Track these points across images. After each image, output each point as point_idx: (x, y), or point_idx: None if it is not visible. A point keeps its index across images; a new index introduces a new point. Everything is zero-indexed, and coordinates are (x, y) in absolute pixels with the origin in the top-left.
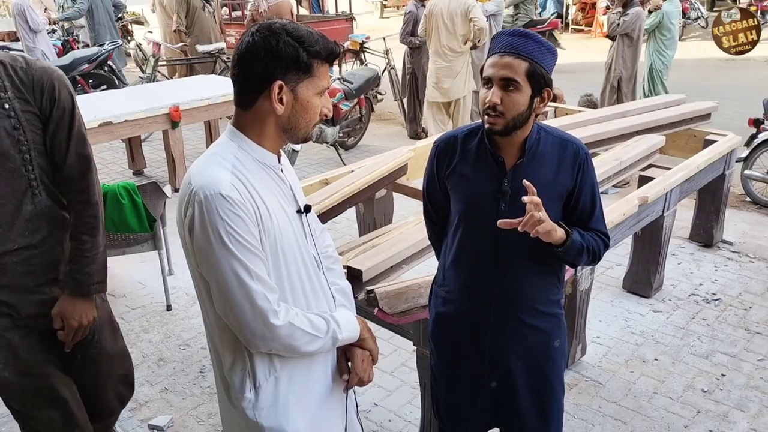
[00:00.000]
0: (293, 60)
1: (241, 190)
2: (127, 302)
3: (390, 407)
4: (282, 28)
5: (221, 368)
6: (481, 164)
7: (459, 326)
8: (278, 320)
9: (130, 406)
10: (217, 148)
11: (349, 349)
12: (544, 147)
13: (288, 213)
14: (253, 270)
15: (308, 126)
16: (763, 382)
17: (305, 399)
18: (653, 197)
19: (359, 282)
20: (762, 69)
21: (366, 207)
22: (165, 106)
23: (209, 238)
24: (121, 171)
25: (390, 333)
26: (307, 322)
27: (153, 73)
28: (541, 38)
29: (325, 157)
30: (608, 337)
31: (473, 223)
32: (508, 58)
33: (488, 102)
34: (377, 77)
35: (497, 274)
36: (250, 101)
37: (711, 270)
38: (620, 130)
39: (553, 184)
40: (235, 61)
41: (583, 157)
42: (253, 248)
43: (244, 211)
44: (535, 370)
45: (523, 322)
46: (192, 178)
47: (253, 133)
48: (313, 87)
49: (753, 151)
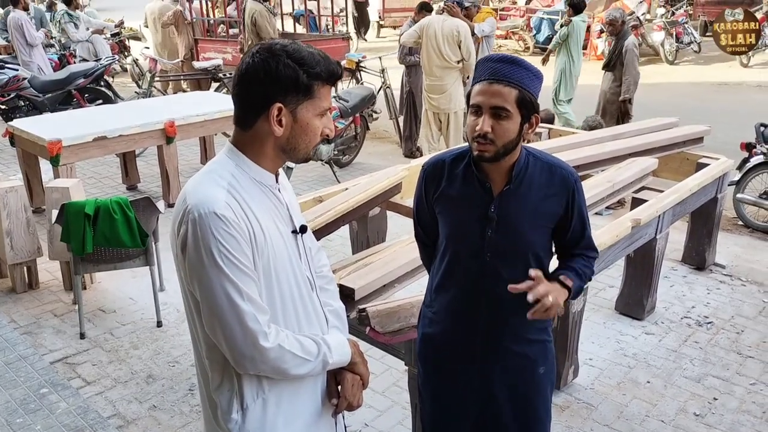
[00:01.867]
0: (293, 82)
1: (236, 209)
2: (117, 318)
3: (380, 428)
4: (282, 50)
5: (208, 388)
6: (468, 189)
7: (445, 348)
8: (268, 342)
9: (117, 423)
10: (214, 166)
11: (339, 372)
12: (532, 172)
13: (283, 233)
14: (245, 291)
15: (308, 147)
16: (755, 407)
17: (293, 422)
18: (646, 219)
19: (351, 300)
20: (754, 93)
21: (359, 225)
22: (160, 121)
23: (201, 256)
24: (115, 186)
25: (381, 352)
26: (297, 344)
27: (149, 88)
28: (527, 63)
29: (319, 174)
30: (601, 359)
31: (459, 248)
32: (497, 86)
33: (479, 130)
34: (373, 96)
35: (483, 298)
36: (249, 122)
37: (703, 293)
38: (613, 152)
39: (540, 210)
40: (236, 81)
41: (572, 184)
42: (246, 269)
43: (238, 230)
44: (520, 397)
45: (507, 348)
46: (187, 196)
47: (251, 152)
48: (313, 108)
49: (745, 175)
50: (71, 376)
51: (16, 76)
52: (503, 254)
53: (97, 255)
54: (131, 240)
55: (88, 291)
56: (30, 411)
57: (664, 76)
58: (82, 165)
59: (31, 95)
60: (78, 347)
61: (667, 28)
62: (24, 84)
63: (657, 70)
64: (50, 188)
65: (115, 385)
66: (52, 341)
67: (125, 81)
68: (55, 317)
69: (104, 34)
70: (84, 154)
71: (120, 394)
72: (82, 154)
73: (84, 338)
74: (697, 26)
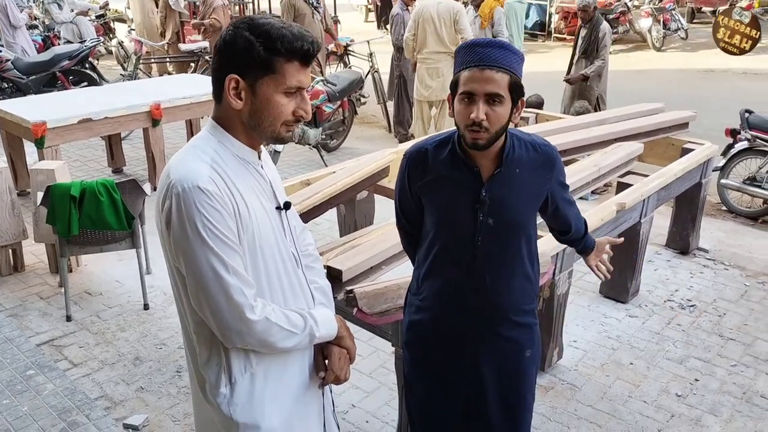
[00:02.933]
0: (247, 55)
1: (219, 183)
2: (103, 300)
3: (367, 408)
4: (247, 24)
5: (196, 364)
6: (456, 175)
7: (433, 334)
8: (254, 315)
9: (104, 404)
10: (198, 141)
11: (326, 346)
12: (519, 153)
13: (267, 209)
14: (230, 264)
15: (274, 124)
16: (735, 387)
17: (281, 395)
18: (630, 203)
19: (339, 282)
20: (740, 80)
21: (347, 208)
22: (146, 103)
23: (186, 230)
24: (100, 169)
25: (369, 335)
26: (284, 318)
27: (134, 70)
28: (513, 47)
29: (307, 158)
30: (585, 341)
31: (450, 234)
32: (490, 72)
33: (474, 118)
34: (361, 80)
35: (473, 284)
36: (217, 96)
37: (687, 277)
38: (600, 137)
39: (531, 189)
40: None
41: (555, 156)
42: (230, 242)
43: (222, 204)
44: (506, 379)
45: (496, 332)
46: (171, 171)
47: (228, 127)
48: (275, 84)
49: (729, 161)
50: (58, 358)
51: (0, 57)
52: (496, 237)
53: (83, 237)
54: (117, 222)
55: (74, 274)
56: (17, 392)
57: (650, 63)
58: (67, 148)
59: (14, 77)
60: (64, 330)
61: (655, 14)
62: (7, 66)
63: (644, 57)
64: (35, 170)
65: (102, 367)
66: (38, 324)
67: (110, 63)
68: (41, 300)
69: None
70: (69, 137)
71: (107, 375)
72: (68, 136)
73: (70, 321)
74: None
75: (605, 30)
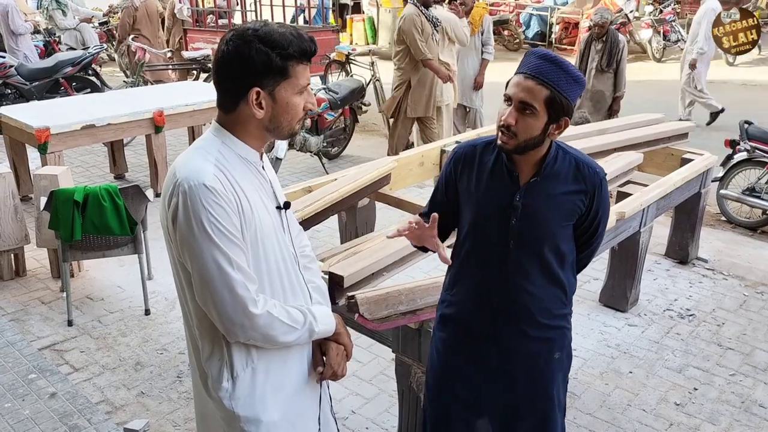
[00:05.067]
0: (266, 66)
1: (223, 182)
2: (105, 306)
3: (367, 415)
4: (254, 35)
5: (199, 359)
6: (496, 178)
7: (462, 330)
8: (257, 309)
9: (105, 409)
10: (202, 143)
11: (324, 342)
12: (560, 167)
13: (268, 208)
14: (234, 259)
15: (291, 123)
16: (734, 397)
17: (281, 389)
18: (630, 213)
19: (340, 288)
20: (739, 92)
21: (348, 215)
22: (149, 110)
23: (192, 227)
24: (103, 175)
25: (369, 341)
26: (285, 313)
27: (138, 77)
28: (570, 66)
29: (308, 165)
30: (584, 350)
31: (483, 235)
32: (530, 82)
33: (503, 120)
34: (362, 88)
35: (502, 286)
36: (230, 106)
37: (686, 286)
38: (599, 147)
39: (564, 204)
40: (214, 69)
41: (598, 183)
42: (235, 238)
43: (227, 202)
44: (534, 380)
45: (525, 333)
46: (177, 170)
47: (236, 131)
48: (291, 87)
49: (729, 172)
50: (59, 362)
51: (3, 63)
52: (525, 244)
53: (86, 242)
54: (120, 228)
55: (75, 279)
56: (18, 396)
57: (651, 74)
58: (70, 153)
59: (18, 83)
60: (66, 334)
61: (655, 25)
62: (11, 71)
63: (644, 68)
64: (38, 175)
65: (103, 371)
66: (39, 328)
67: (113, 70)
68: (42, 304)
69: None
70: (72, 143)
71: (108, 380)
72: (71, 142)
73: (72, 325)
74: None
75: (624, 42)
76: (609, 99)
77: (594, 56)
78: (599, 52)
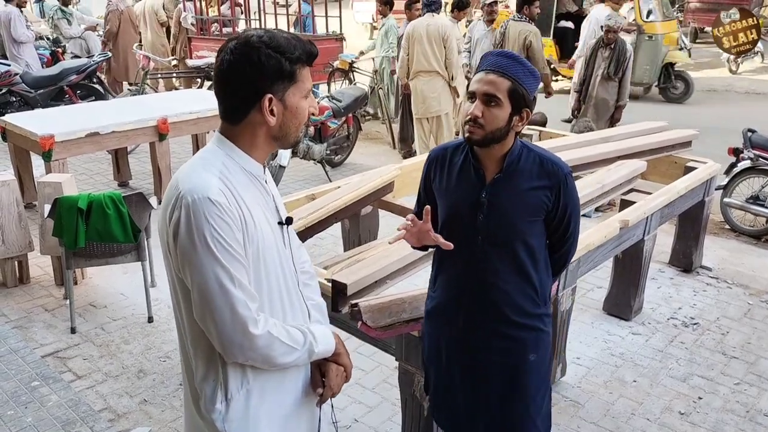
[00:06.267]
0: (278, 71)
1: (228, 195)
2: (108, 313)
3: (371, 424)
4: (260, 41)
5: (192, 378)
6: (464, 176)
7: (441, 326)
8: (257, 329)
9: (108, 416)
10: (205, 154)
11: (323, 363)
12: (524, 164)
13: (270, 223)
14: (236, 276)
15: (298, 130)
16: (739, 406)
17: (275, 413)
18: (634, 221)
19: (344, 296)
20: (742, 100)
21: (351, 223)
22: (153, 118)
23: (194, 241)
24: (106, 182)
25: (372, 349)
26: (285, 332)
27: (142, 85)
28: (525, 61)
29: (311, 173)
30: (588, 359)
31: (455, 232)
32: (492, 76)
33: (470, 114)
34: (365, 96)
35: (474, 281)
36: (239, 116)
37: (690, 294)
38: (603, 155)
39: (528, 200)
40: (218, 78)
41: (563, 178)
42: (238, 255)
43: (231, 216)
44: (508, 380)
45: (496, 331)
46: (179, 182)
47: (242, 143)
48: (299, 92)
49: (732, 180)
50: (62, 369)
51: (8, 71)
52: (494, 239)
53: (89, 250)
54: (124, 235)
55: (79, 286)
56: (21, 403)
57: None
58: (74, 161)
59: (22, 91)
60: (69, 341)
61: None
62: (16, 79)
63: None
64: (43, 183)
65: (106, 379)
66: (43, 335)
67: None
68: (46, 312)
69: (97, 31)
70: (76, 150)
71: (111, 388)
72: (75, 149)
73: (75, 333)
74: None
75: (631, 51)
76: (612, 107)
77: (600, 63)
78: (606, 60)
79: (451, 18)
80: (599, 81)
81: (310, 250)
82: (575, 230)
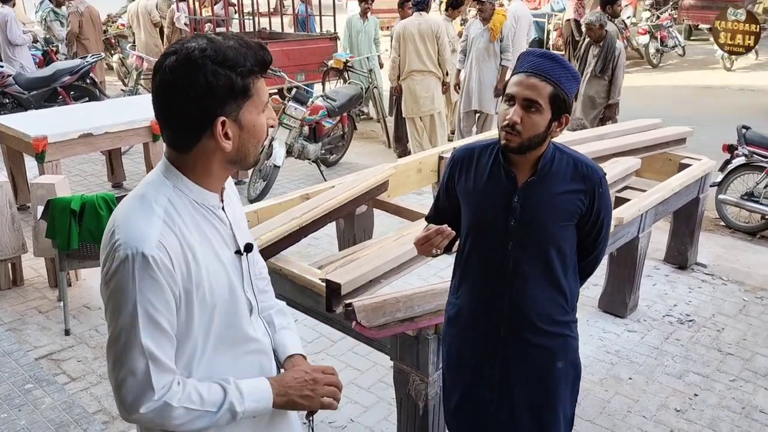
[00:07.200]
0: (229, 89)
1: (169, 244)
2: (102, 315)
3: (366, 423)
4: (203, 55)
5: None
6: (494, 179)
7: (466, 333)
8: (155, 402)
9: (102, 419)
10: (148, 189)
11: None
12: (557, 167)
13: (223, 258)
14: (152, 348)
15: (257, 149)
16: (734, 402)
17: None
18: (628, 218)
19: (338, 295)
20: (737, 97)
21: (346, 223)
22: (147, 119)
23: (119, 301)
24: (100, 183)
25: (368, 349)
26: (197, 396)
27: (135, 86)
28: (568, 63)
29: (306, 173)
30: (583, 356)
31: (482, 237)
32: (534, 80)
33: (508, 120)
34: (360, 96)
35: (504, 288)
36: (189, 145)
37: (685, 291)
38: (597, 152)
39: (562, 204)
40: (159, 104)
41: (597, 181)
42: (163, 322)
43: (165, 273)
44: (536, 389)
45: (524, 338)
46: (116, 227)
47: (193, 173)
48: (255, 107)
49: (727, 177)
50: (56, 372)
51: (1, 72)
52: (525, 245)
53: (83, 251)
54: None
55: (73, 288)
56: (15, 406)
57: (648, 79)
58: (67, 162)
59: (15, 92)
60: (63, 344)
61: (652, 31)
62: (9, 81)
63: (641, 73)
64: (36, 184)
65: (100, 381)
66: (36, 337)
67: (111, 79)
68: (39, 314)
69: None
70: (70, 151)
71: (105, 390)
72: (68, 151)
73: (69, 335)
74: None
75: (620, 49)
76: (599, 105)
77: (590, 61)
78: (595, 57)
79: (446, 17)
80: (588, 79)
81: (305, 249)
82: (606, 236)
